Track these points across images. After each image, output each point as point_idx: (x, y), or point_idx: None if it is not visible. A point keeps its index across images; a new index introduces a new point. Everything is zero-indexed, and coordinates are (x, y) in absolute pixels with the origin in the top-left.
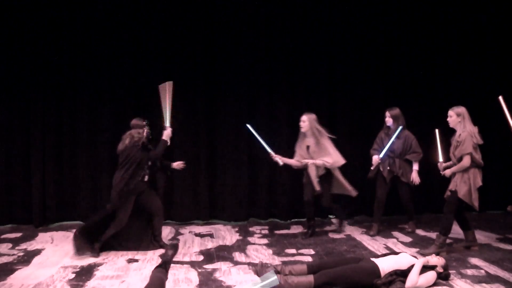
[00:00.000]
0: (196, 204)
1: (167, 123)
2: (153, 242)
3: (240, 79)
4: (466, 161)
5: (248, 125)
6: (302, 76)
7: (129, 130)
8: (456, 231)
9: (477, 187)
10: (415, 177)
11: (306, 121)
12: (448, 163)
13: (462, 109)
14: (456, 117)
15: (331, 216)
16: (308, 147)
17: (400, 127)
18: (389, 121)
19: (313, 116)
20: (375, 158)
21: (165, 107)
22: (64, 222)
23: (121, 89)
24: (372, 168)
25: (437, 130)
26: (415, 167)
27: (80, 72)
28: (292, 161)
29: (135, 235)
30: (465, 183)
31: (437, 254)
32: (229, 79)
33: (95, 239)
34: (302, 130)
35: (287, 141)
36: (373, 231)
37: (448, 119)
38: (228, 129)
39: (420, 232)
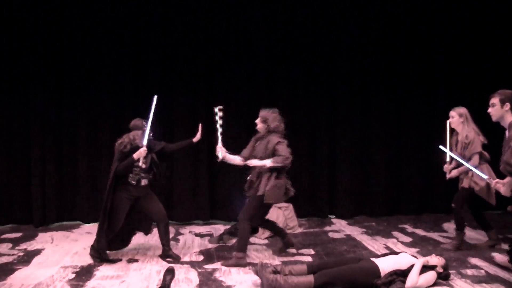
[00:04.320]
0: (196, 204)
1: (144, 142)
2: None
3: (240, 79)
4: (476, 160)
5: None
6: (302, 76)
7: (128, 132)
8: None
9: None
10: None
11: None
12: (453, 165)
13: (463, 110)
14: (459, 117)
15: (331, 216)
16: None
17: None
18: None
19: None
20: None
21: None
22: (64, 222)
23: (121, 89)
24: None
25: (448, 122)
26: None
27: (80, 72)
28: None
29: (128, 231)
30: (481, 179)
31: (458, 249)
32: (229, 79)
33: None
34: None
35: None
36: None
37: (450, 119)
38: (228, 129)
39: (420, 232)
